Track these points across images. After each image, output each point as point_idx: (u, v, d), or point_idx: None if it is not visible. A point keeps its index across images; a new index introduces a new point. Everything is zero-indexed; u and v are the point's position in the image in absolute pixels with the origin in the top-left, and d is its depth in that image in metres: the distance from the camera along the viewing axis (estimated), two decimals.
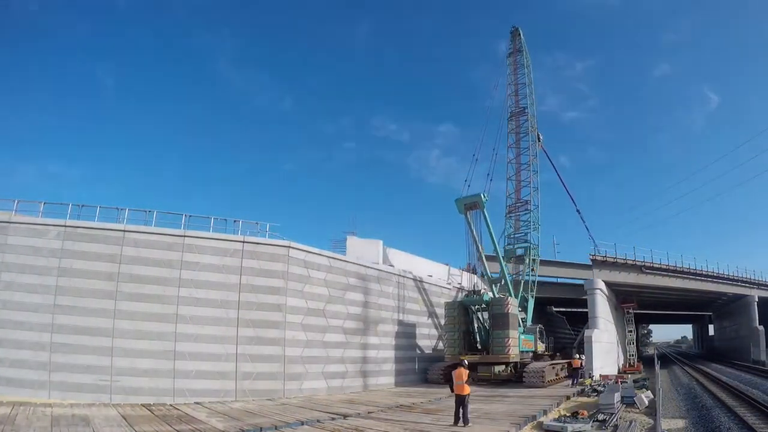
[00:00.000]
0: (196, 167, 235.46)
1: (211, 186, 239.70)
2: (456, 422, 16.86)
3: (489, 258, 39.76)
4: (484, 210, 36.29)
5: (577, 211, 49.90)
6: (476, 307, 37.50)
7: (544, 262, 49.08)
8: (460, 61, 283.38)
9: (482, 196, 36.27)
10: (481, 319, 37.62)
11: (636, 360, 55.16)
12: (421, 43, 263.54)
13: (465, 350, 35.68)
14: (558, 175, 49.46)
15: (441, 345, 40.74)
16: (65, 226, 23.77)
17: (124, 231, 24.43)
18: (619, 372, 45.43)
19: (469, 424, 16.59)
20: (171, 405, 22.01)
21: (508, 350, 33.70)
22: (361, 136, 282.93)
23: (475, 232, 36.54)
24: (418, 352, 37.81)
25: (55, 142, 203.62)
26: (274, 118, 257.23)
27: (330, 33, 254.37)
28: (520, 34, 46.61)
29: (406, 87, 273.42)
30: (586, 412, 18.74)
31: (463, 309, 37.31)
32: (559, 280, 57.28)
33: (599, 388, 27.51)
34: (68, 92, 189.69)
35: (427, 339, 39.54)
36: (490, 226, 37.31)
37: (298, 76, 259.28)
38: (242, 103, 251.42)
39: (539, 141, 45.38)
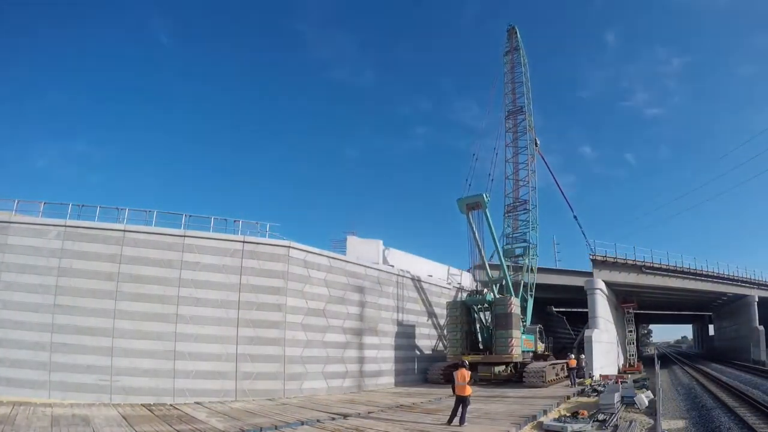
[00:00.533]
0: (248, 154, 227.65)
1: (260, 176, 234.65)
2: (450, 421, 16.87)
3: (490, 258, 39.78)
4: (486, 210, 36.08)
5: (575, 217, 49.70)
6: (479, 306, 37.44)
7: (545, 270, 49.10)
8: (565, 49, 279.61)
9: (484, 196, 36.05)
10: (483, 319, 37.56)
11: (636, 360, 55.17)
12: (530, 24, 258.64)
13: (467, 350, 35.66)
14: (555, 180, 49.13)
15: (441, 345, 40.76)
16: (65, 226, 23.78)
17: (125, 231, 24.43)
18: (619, 372, 45.44)
19: (465, 424, 16.59)
20: (171, 405, 22.01)
21: (512, 350, 33.65)
22: (437, 120, 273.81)
23: (477, 233, 36.34)
24: (418, 352, 37.79)
25: (88, 120, 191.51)
26: (350, 94, 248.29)
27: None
28: (516, 33, 46.41)
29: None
30: (586, 412, 18.74)
31: (465, 309, 37.24)
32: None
33: (599, 388, 27.52)
34: (118, 49, 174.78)
35: (427, 339, 39.52)
36: (492, 226, 37.18)
37: (388, 46, 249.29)
38: (320, 73, 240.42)
39: (536, 146, 45.24)
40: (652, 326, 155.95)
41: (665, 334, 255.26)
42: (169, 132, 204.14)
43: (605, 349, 43.14)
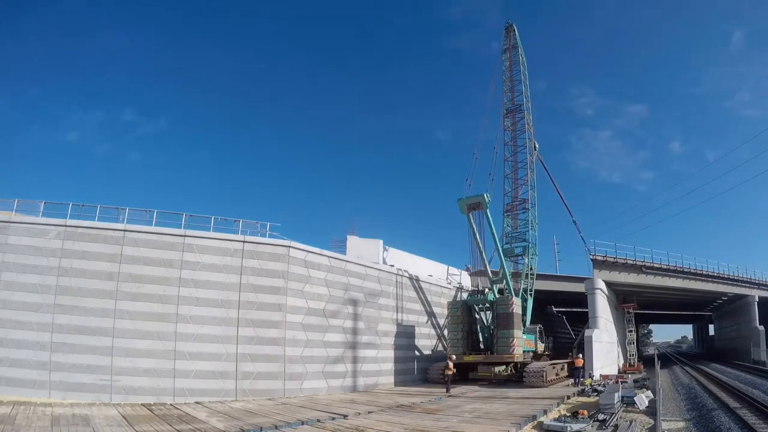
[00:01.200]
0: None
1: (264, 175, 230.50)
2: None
3: (490, 259, 39.67)
4: (487, 211, 35.50)
5: (574, 222, 49.42)
6: (480, 306, 37.36)
7: (545, 277, 49.11)
8: (689, 44, 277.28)
9: (485, 196, 35.38)
10: (484, 318, 37.49)
11: (636, 360, 55.14)
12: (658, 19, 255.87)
13: (468, 350, 35.65)
14: (554, 185, 48.68)
15: (441, 346, 40.73)
16: (65, 225, 23.78)
17: (125, 231, 24.44)
18: (619, 372, 45.42)
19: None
20: (171, 404, 22.02)
21: (513, 350, 33.59)
22: (546, 104, 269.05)
23: (477, 234, 36.01)
24: (418, 352, 37.78)
25: (142, 83, 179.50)
26: (468, 68, 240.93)
27: None
28: (514, 30, 45.73)
29: (629, 58, 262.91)
30: (586, 412, 18.73)
31: (466, 308, 37.19)
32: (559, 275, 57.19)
33: (599, 388, 27.51)
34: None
35: (427, 339, 39.51)
36: (493, 227, 36.71)
37: (525, 19, 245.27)
38: (444, 39, 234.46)
39: (535, 150, 44.93)
40: (652, 326, 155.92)
41: (665, 334, 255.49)
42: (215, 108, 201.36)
43: (605, 349, 43.11)
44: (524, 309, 40.75)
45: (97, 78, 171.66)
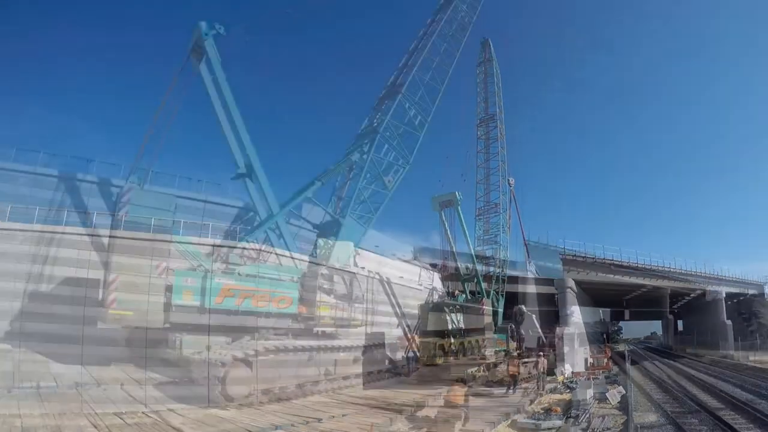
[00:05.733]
0: None
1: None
2: None
3: (461, 256, 40.35)
4: (458, 208, 37.54)
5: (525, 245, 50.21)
6: (451, 308, 37.58)
7: (518, 279, 49.70)
8: None
9: (456, 194, 37.49)
10: (455, 320, 37.70)
11: (607, 358, 55.75)
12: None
13: (440, 352, 35.80)
14: (519, 219, 49.35)
15: (412, 347, 40.77)
16: (33, 230, 23.39)
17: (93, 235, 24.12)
18: (590, 369, 45.92)
19: None
20: (143, 413, 21.71)
21: (484, 351, 33.83)
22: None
23: (448, 230, 37.58)
24: (389, 353, 37.74)
25: None
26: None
27: None
28: (489, 45, 48.46)
29: None
30: (559, 409, 19.00)
31: (437, 310, 37.38)
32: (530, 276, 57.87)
33: (572, 385, 27.83)
34: None
35: (399, 340, 39.49)
36: (464, 222, 38.79)
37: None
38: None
39: (510, 186, 46.30)
40: (621, 323, 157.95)
41: (635, 330, 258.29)
42: None
43: (576, 346, 43.60)
44: (495, 310, 41.10)
45: (91, 75, 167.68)
